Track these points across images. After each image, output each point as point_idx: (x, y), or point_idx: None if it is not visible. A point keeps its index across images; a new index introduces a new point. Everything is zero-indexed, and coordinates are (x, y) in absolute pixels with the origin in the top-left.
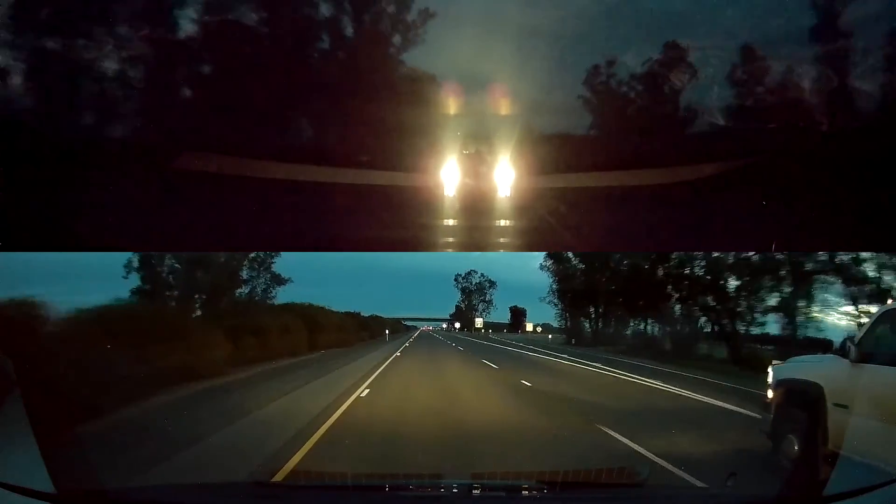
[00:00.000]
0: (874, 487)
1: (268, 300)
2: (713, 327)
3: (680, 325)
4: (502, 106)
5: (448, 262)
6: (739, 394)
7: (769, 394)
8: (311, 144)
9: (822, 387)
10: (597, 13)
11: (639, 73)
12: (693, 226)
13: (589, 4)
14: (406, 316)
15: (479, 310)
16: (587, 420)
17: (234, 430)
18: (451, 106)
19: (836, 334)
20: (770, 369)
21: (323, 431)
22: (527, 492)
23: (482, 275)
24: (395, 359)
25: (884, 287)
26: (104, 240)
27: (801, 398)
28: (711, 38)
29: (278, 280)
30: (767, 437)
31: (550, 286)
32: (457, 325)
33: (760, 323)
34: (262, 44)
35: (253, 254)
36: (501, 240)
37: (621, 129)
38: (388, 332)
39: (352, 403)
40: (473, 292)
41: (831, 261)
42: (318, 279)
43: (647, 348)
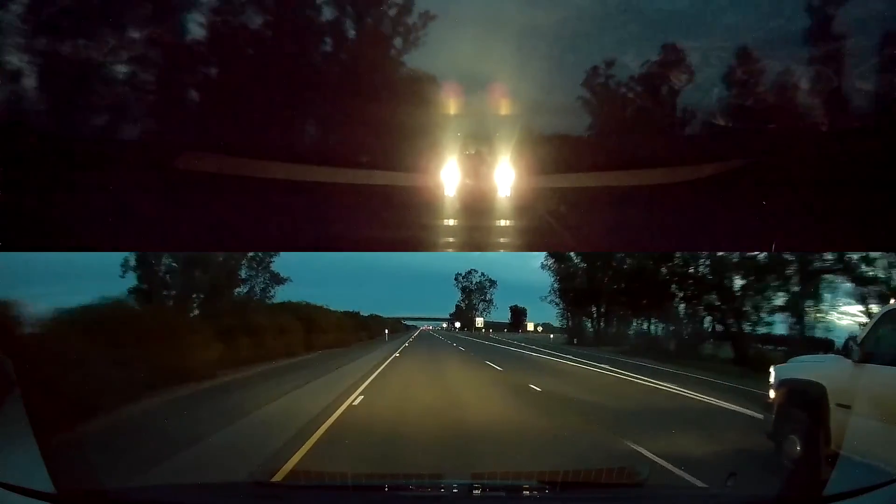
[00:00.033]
0: (874, 487)
1: (266, 300)
2: (714, 326)
3: (684, 325)
4: (502, 106)
5: (448, 261)
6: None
7: (771, 394)
8: (313, 145)
9: (824, 387)
10: (597, 14)
11: (638, 73)
12: (693, 226)
13: (589, 5)
14: (406, 315)
15: (480, 309)
16: (613, 432)
17: (203, 452)
18: (452, 106)
19: (844, 335)
20: (772, 369)
21: (303, 452)
22: (527, 492)
23: (482, 274)
24: (393, 360)
25: (894, 286)
26: (104, 240)
27: (804, 398)
28: (712, 39)
29: (277, 279)
30: (769, 438)
31: (552, 285)
32: (457, 324)
33: (768, 323)
34: (266, 46)
35: (251, 253)
36: (501, 240)
37: (621, 129)
38: (388, 331)
39: (342, 414)
40: (474, 292)
41: (840, 260)
42: (317, 279)
43: (651, 349)
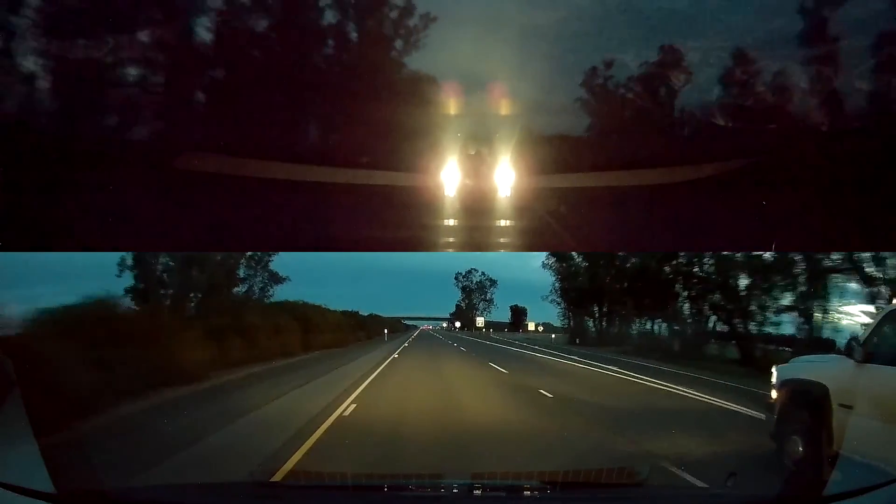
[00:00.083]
0: (874, 487)
1: (265, 299)
2: (714, 326)
3: (689, 325)
4: (502, 106)
5: (448, 260)
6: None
7: (773, 394)
8: (314, 145)
9: (827, 387)
10: (597, 14)
11: (639, 73)
12: (693, 226)
13: (589, 5)
14: (406, 315)
15: (480, 309)
16: (646, 453)
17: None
18: (452, 107)
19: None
20: (774, 369)
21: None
22: (527, 492)
23: (483, 273)
24: (391, 361)
25: None
26: (104, 240)
27: (806, 399)
28: (713, 38)
29: (276, 279)
30: (771, 438)
31: (553, 284)
32: (457, 324)
33: (775, 323)
34: (268, 48)
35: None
36: (501, 240)
37: (621, 129)
38: (387, 331)
39: (330, 426)
40: (474, 291)
41: (849, 259)
42: (317, 278)
43: (655, 349)
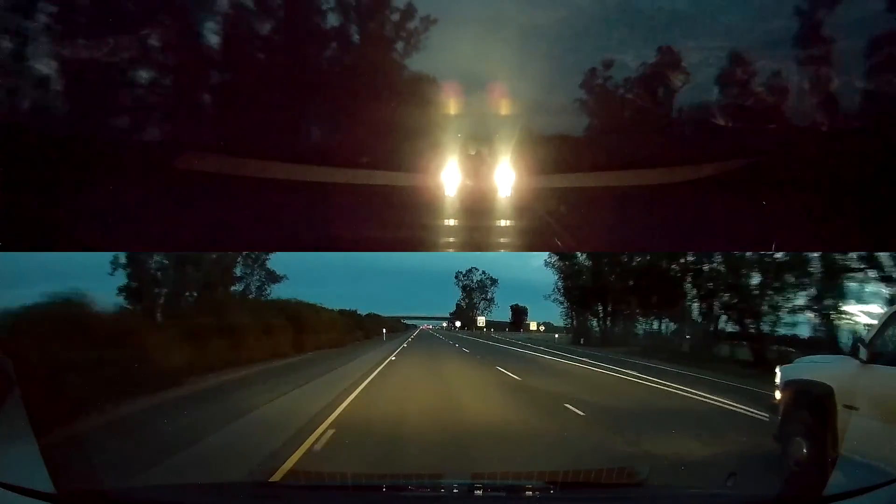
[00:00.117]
0: (874, 487)
1: (262, 298)
2: (725, 326)
3: (699, 325)
4: (502, 107)
5: (448, 260)
6: None
7: (777, 394)
8: (315, 146)
9: (831, 388)
10: (597, 14)
11: (638, 74)
12: (693, 225)
13: (589, 5)
14: (405, 314)
15: (481, 308)
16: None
17: None
18: (453, 107)
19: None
20: (778, 370)
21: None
22: (528, 492)
23: (483, 272)
24: (389, 363)
25: None
26: (105, 240)
27: (810, 399)
28: (713, 39)
29: (273, 277)
30: (774, 440)
31: (556, 283)
32: (457, 323)
33: (791, 324)
34: (271, 50)
35: None
36: (502, 240)
37: (621, 129)
38: (386, 331)
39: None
40: (474, 290)
41: (867, 259)
42: (317, 277)
43: (662, 349)
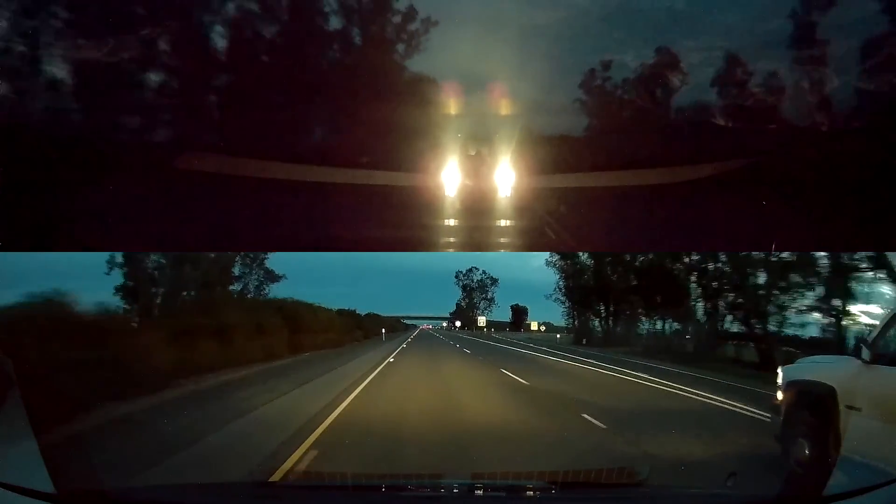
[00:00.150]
0: (874, 487)
1: (261, 297)
2: (722, 326)
3: (703, 325)
4: (502, 107)
5: (448, 260)
6: None
7: (778, 395)
8: (315, 146)
9: (834, 388)
10: (597, 14)
11: (638, 74)
12: (693, 226)
13: (589, 5)
14: (405, 314)
15: (481, 308)
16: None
17: None
18: (453, 107)
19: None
20: (780, 370)
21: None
22: (528, 492)
23: (483, 272)
24: (387, 365)
25: None
26: (105, 240)
27: (812, 400)
28: (712, 40)
29: (272, 277)
30: (776, 440)
31: (557, 283)
32: (457, 323)
33: (799, 325)
34: (273, 52)
35: None
36: (502, 240)
37: (621, 129)
38: (386, 331)
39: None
40: (475, 290)
41: (877, 259)
42: (316, 277)
43: (666, 350)
